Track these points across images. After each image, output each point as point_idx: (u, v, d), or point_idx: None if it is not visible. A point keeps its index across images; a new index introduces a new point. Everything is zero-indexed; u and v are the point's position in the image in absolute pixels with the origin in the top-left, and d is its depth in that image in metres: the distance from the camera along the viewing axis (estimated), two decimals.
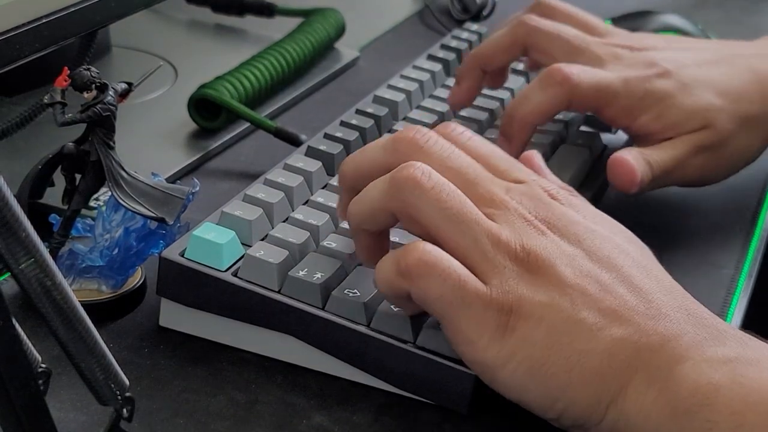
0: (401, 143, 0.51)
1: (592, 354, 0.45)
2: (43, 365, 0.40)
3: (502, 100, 0.72)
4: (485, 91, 0.72)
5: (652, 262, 0.50)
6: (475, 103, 0.71)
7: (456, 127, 0.53)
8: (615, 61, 0.66)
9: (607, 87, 0.63)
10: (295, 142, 0.71)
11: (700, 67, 0.67)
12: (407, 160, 0.49)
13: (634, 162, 0.62)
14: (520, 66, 0.76)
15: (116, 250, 0.55)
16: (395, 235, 0.53)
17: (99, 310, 0.54)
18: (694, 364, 0.44)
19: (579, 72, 0.63)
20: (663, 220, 0.68)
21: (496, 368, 0.46)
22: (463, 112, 0.70)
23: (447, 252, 0.47)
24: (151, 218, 0.54)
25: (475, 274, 0.47)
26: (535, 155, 0.56)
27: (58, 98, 0.52)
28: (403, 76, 0.74)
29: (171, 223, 0.54)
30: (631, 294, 0.47)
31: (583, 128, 0.71)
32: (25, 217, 0.35)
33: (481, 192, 0.49)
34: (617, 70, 0.65)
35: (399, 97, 0.70)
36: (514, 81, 0.75)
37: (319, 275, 0.52)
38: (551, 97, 0.63)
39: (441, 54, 0.78)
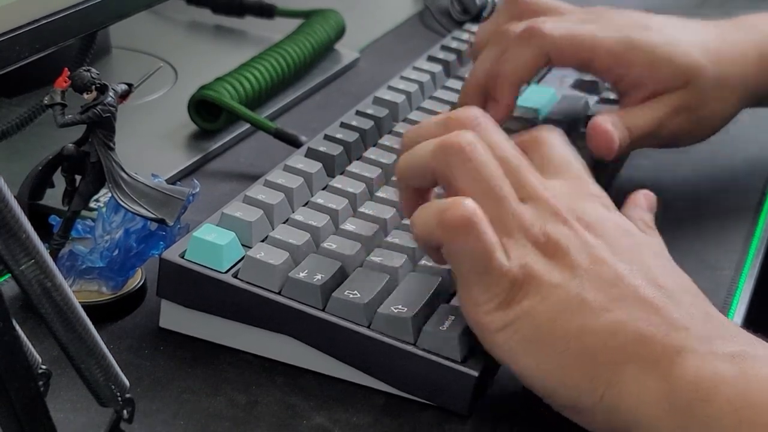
0: (454, 122, 0.52)
1: (591, 330, 0.46)
2: (43, 366, 0.40)
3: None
4: None
5: (672, 264, 0.51)
6: None
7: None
8: (597, 19, 0.67)
9: (583, 35, 0.65)
10: (295, 143, 0.71)
11: (684, 27, 0.68)
12: None
13: (612, 129, 0.64)
14: None
15: (116, 252, 0.55)
16: None
17: (99, 312, 0.54)
18: (699, 356, 0.44)
19: (551, 24, 0.65)
20: (663, 221, 0.68)
21: (494, 331, 0.47)
22: None
23: None
24: (151, 219, 0.54)
25: None
26: (645, 195, 0.57)
27: (58, 99, 0.52)
28: (403, 78, 0.74)
29: (171, 224, 0.54)
30: (647, 285, 0.47)
31: (583, 130, 0.71)
32: (26, 219, 0.35)
33: (519, 178, 0.50)
34: (597, 27, 0.66)
35: (399, 98, 0.70)
36: None
37: (319, 276, 0.52)
38: (528, 52, 0.64)
39: (441, 55, 0.78)
